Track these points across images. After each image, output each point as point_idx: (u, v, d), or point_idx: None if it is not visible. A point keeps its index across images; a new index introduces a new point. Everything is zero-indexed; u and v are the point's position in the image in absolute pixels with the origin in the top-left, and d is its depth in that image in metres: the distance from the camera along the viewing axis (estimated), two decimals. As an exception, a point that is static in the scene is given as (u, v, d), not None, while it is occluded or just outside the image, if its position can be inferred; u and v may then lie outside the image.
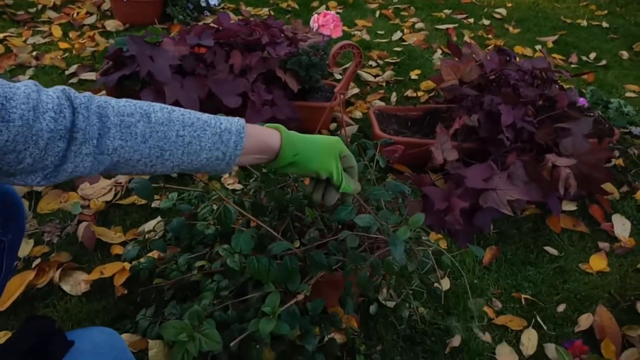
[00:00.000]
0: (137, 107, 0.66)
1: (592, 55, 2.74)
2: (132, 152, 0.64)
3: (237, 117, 0.74)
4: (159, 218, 1.42)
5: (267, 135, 0.75)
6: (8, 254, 0.88)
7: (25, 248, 1.31)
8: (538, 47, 2.78)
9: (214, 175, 0.99)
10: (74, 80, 2.14)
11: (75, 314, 1.16)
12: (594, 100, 2.10)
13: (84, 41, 2.48)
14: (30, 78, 2.13)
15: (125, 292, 1.21)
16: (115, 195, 1.53)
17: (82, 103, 0.61)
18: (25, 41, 2.44)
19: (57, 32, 2.54)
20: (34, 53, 2.32)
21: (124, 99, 0.67)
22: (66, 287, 1.21)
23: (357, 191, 0.87)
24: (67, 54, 2.36)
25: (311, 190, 0.86)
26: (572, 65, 2.63)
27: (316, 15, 1.94)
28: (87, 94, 0.64)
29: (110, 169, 0.66)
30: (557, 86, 1.81)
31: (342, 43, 1.09)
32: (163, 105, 0.69)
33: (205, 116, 0.71)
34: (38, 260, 1.28)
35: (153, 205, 1.48)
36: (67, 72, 2.20)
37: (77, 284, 1.22)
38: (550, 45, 2.84)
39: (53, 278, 1.23)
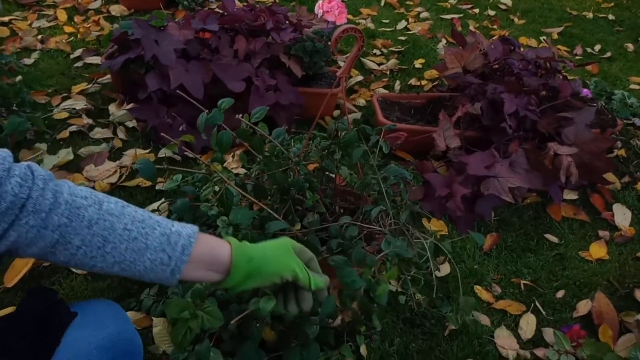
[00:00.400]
0: (93, 194, 0.64)
1: (597, 48, 2.73)
2: (74, 234, 0.61)
3: (191, 225, 0.69)
4: (162, 199, 1.44)
5: (217, 244, 0.70)
6: None
7: (31, 227, 1.32)
8: (543, 38, 2.77)
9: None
10: (79, 64, 2.15)
11: (80, 292, 1.18)
12: (598, 91, 2.10)
13: (89, 25, 2.48)
14: (35, 61, 2.14)
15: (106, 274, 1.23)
16: (120, 177, 1.54)
17: (41, 176, 0.61)
18: (30, 25, 2.45)
19: (62, 16, 2.54)
20: (39, 36, 2.33)
21: (86, 188, 0.65)
22: (71, 266, 1.23)
23: (327, 283, 0.79)
24: (72, 38, 2.36)
25: (282, 306, 0.79)
26: (577, 57, 2.62)
27: (321, 1, 1.94)
28: (49, 172, 0.63)
29: (48, 250, 0.61)
30: (560, 76, 1.81)
31: (344, 27, 1.09)
32: (119, 200, 0.66)
33: (160, 218, 0.67)
34: (43, 239, 1.29)
35: (157, 187, 1.50)
36: (72, 56, 2.20)
37: (82, 262, 1.23)
38: (555, 36, 2.83)
39: (58, 257, 1.24)
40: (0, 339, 0.64)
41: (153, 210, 1.37)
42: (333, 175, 1.25)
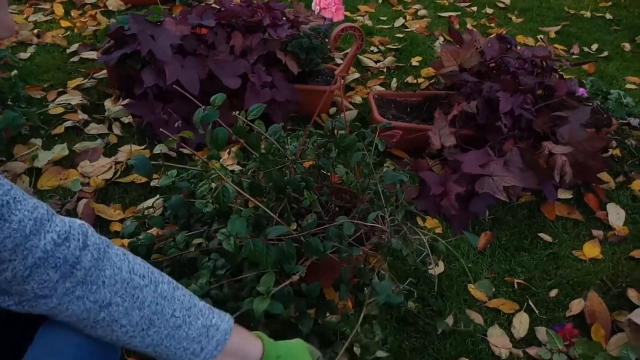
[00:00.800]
0: (150, 272, 0.63)
1: (594, 47, 2.73)
2: (123, 314, 0.59)
3: (229, 316, 0.70)
4: (157, 196, 1.43)
5: (249, 343, 0.71)
6: None
7: (25, 223, 1.32)
8: (540, 36, 2.77)
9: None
10: (75, 58, 2.14)
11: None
12: (594, 90, 2.10)
13: (85, 20, 2.47)
14: (31, 56, 2.13)
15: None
16: (115, 173, 1.54)
17: (96, 244, 0.59)
18: (26, 18, 2.43)
19: (58, 10, 2.53)
20: (36, 31, 2.32)
21: (141, 260, 0.64)
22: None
23: None
24: (68, 33, 2.35)
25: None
26: (574, 56, 2.63)
27: (318, -1, 1.94)
28: (106, 239, 0.61)
29: (88, 325, 0.59)
30: (556, 75, 1.82)
31: (344, 25, 1.09)
32: (170, 279, 0.66)
33: (201, 304, 0.67)
34: (38, 235, 1.29)
35: (152, 184, 1.49)
36: (68, 51, 2.19)
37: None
38: (552, 35, 2.83)
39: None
40: None
41: (147, 207, 1.37)
42: (329, 174, 1.25)
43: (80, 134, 1.71)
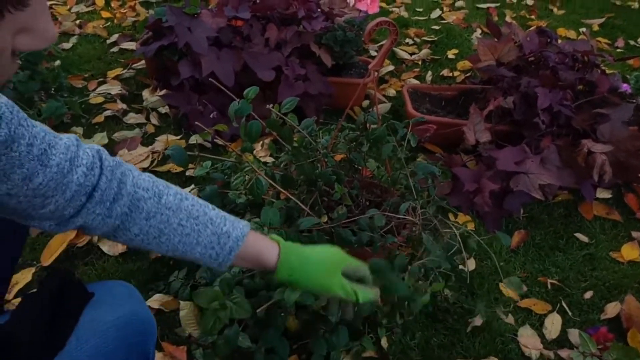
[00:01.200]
0: (154, 186, 0.68)
1: (641, 40, 2.63)
2: (134, 224, 0.66)
3: (245, 222, 0.73)
4: (192, 185, 1.46)
5: (265, 250, 0.74)
6: None
7: (67, 209, 1.37)
8: (583, 29, 2.68)
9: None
10: (114, 49, 2.19)
11: (112, 273, 1.22)
12: (638, 86, 2.02)
13: (125, 11, 2.53)
14: (73, 46, 2.19)
15: (159, 255, 1.26)
16: (152, 162, 1.58)
17: (109, 166, 0.64)
18: (69, 9, 2.51)
19: (99, 1, 2.59)
20: (78, 21, 2.39)
21: (147, 174, 0.69)
22: (104, 248, 1.27)
23: (376, 299, 0.83)
24: (108, 23, 2.41)
25: (325, 304, 0.89)
26: (618, 50, 2.53)
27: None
28: (117, 159, 0.67)
29: (110, 233, 0.67)
30: (598, 70, 1.76)
31: (378, 20, 1.08)
32: (179, 190, 0.70)
33: (214, 213, 0.71)
34: (78, 221, 1.34)
35: (188, 173, 1.53)
36: (108, 41, 2.25)
37: (114, 244, 1.28)
38: (596, 28, 2.74)
39: (92, 238, 1.29)
40: (20, 318, 0.66)
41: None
42: (360, 167, 1.25)
43: (119, 123, 1.75)
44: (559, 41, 1.96)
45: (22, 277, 1.16)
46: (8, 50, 0.45)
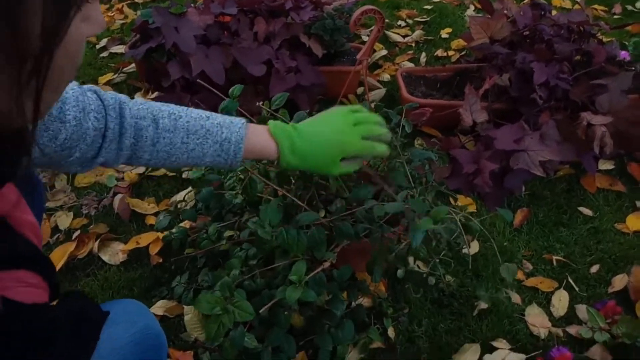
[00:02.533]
0: (149, 112, 0.73)
1: (639, 4, 2.57)
2: (143, 151, 0.72)
3: (241, 122, 0.77)
4: (189, 188, 1.46)
5: (264, 144, 0.78)
6: None
7: (65, 220, 1.37)
8: (577, -3, 2.63)
9: None
10: (104, 54, 2.18)
11: (114, 282, 1.22)
12: (638, 52, 1.98)
13: (112, 14, 2.51)
14: (63, 54, 2.18)
15: (160, 260, 1.26)
16: (148, 167, 1.57)
17: (110, 105, 0.69)
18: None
19: (86, 6, 2.57)
20: (66, 29, 2.37)
21: (140, 101, 0.74)
22: (105, 257, 1.27)
23: (386, 154, 0.88)
24: (97, 29, 2.39)
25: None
26: (615, 17, 2.48)
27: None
28: (113, 94, 0.71)
29: (127, 162, 0.74)
30: (595, 40, 1.72)
31: (363, 8, 1.06)
32: (172, 110, 0.75)
33: (209, 123, 0.75)
34: (78, 232, 1.34)
35: (184, 176, 1.52)
36: (97, 46, 2.24)
37: (115, 253, 1.28)
38: (591, -5, 2.69)
39: (92, 249, 1.29)
40: (43, 334, 0.66)
41: (180, 201, 1.39)
42: None
43: (113, 129, 1.74)
44: (554, 13, 1.92)
45: (26, 292, 1.16)
46: (85, 38, 0.46)
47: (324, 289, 0.99)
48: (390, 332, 1.11)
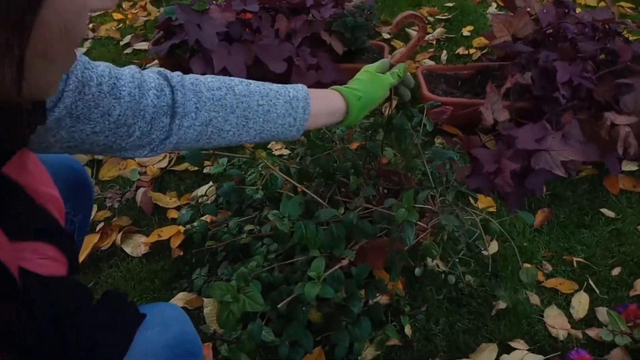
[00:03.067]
0: (222, 82, 0.74)
1: (666, 2, 2.52)
2: (224, 122, 0.72)
3: (301, 85, 0.81)
4: (210, 183, 1.48)
5: (329, 96, 0.83)
6: (79, 234, 0.93)
7: (90, 213, 1.40)
8: (603, -5, 2.59)
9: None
10: (128, 50, 2.21)
11: (136, 274, 1.24)
12: (664, 51, 1.94)
13: (136, 11, 2.54)
14: (87, 50, 2.22)
15: (181, 253, 1.28)
16: (170, 161, 1.59)
17: (178, 82, 0.69)
18: (82, 14, 2.53)
19: (111, 3, 2.61)
20: (91, 25, 2.41)
21: (210, 76, 0.75)
22: (128, 249, 1.30)
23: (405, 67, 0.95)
24: (121, 25, 2.43)
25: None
26: (642, 14, 2.44)
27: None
28: (179, 73, 0.71)
29: (206, 141, 0.73)
30: (621, 39, 1.69)
31: (406, 14, 1.05)
32: (241, 79, 0.76)
33: (275, 86, 0.78)
34: (101, 224, 1.37)
35: (205, 171, 1.54)
36: (121, 43, 2.27)
37: (137, 246, 1.30)
38: (617, -8, 2.64)
39: (115, 241, 1.32)
40: (79, 332, 0.68)
41: (201, 195, 1.41)
42: (377, 156, 1.24)
43: (136, 124, 1.77)
44: (578, 10, 1.89)
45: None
46: (87, 9, 0.46)
47: (342, 286, 0.99)
48: (407, 330, 1.11)
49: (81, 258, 1.25)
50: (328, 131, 1.18)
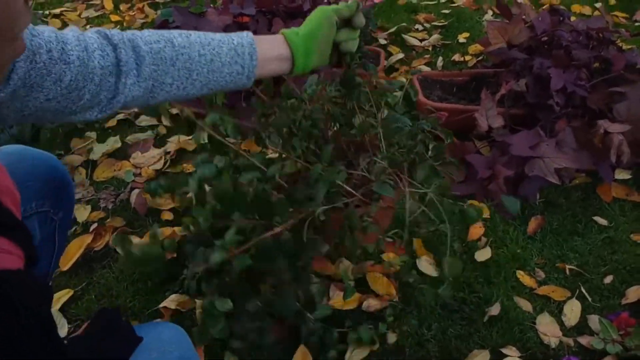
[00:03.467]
0: (160, 35, 0.73)
1: (661, 12, 2.54)
2: (165, 75, 0.71)
3: (246, 32, 0.79)
4: (205, 186, 1.47)
5: (273, 39, 0.82)
6: (59, 232, 0.93)
7: (83, 213, 1.40)
8: (598, 4, 2.60)
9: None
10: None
11: (129, 275, 1.24)
12: (658, 61, 1.96)
13: (133, 13, 2.55)
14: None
15: (174, 255, 1.28)
16: (165, 163, 1.59)
17: (119, 40, 0.68)
18: (79, 15, 2.54)
19: (108, 4, 2.62)
20: (88, 26, 2.41)
21: (148, 30, 0.74)
22: (121, 250, 1.29)
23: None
24: (118, 26, 2.43)
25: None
26: (637, 24, 2.45)
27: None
28: (118, 30, 0.70)
29: (151, 97, 0.72)
30: (614, 47, 1.71)
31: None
32: (180, 31, 0.75)
33: (218, 35, 0.77)
34: (95, 225, 1.36)
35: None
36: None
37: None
38: (612, 2, 2.66)
39: (109, 241, 1.31)
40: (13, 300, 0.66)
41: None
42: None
43: (131, 126, 1.77)
44: (573, 19, 1.91)
45: (42, 283, 1.19)
46: (14, 5, 0.45)
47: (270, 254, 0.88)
48: (391, 337, 1.11)
49: (74, 258, 1.25)
50: (296, 89, 1.12)
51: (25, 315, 0.45)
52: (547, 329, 1.14)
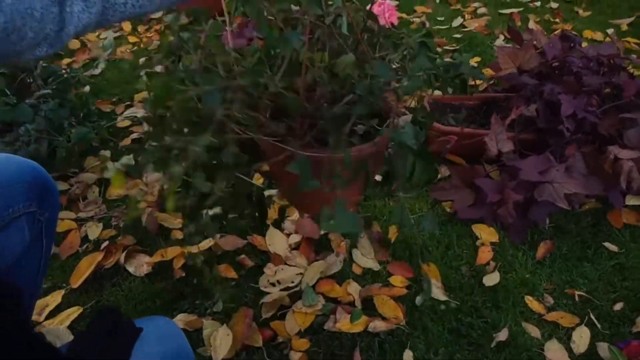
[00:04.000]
0: None
1: (673, 38, 2.54)
2: None
3: None
4: (215, 205, 1.49)
5: None
6: (47, 232, 0.93)
7: (95, 231, 1.42)
8: (610, 30, 2.61)
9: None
10: (142, 72, 2.26)
11: (138, 294, 1.25)
12: (670, 87, 1.96)
13: (151, 35, 2.61)
14: (101, 71, 2.28)
15: (183, 274, 1.29)
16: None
17: None
18: (98, 36, 2.60)
19: (127, 26, 2.68)
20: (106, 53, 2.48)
21: None
22: (130, 269, 1.31)
23: None
24: (135, 47, 2.49)
25: None
26: (649, 50, 2.46)
27: (371, 5, 1.93)
28: None
29: (103, 20, 0.64)
30: (626, 73, 1.71)
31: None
32: None
33: None
34: (106, 243, 1.38)
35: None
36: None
37: (140, 265, 1.32)
38: (624, 27, 2.66)
39: (119, 260, 1.33)
40: (75, 355, 0.68)
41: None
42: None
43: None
44: (584, 45, 1.92)
45: (52, 300, 1.21)
46: None
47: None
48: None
49: (85, 275, 1.27)
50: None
51: None
52: (556, 355, 1.13)
